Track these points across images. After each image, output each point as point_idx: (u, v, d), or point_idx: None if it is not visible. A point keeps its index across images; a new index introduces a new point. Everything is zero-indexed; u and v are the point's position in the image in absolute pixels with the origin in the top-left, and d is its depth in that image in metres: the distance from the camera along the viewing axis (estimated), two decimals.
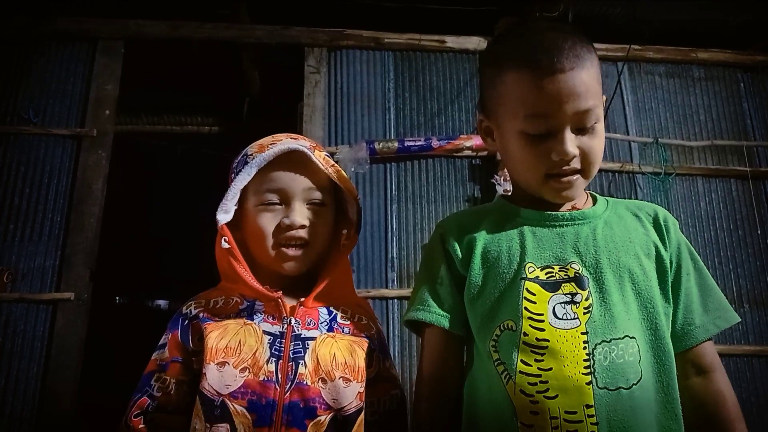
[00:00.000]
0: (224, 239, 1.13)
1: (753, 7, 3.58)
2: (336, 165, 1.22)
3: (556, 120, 1.00)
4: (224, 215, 1.15)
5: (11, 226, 3.05)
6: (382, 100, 3.48)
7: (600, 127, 1.04)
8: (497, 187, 3.18)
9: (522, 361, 0.98)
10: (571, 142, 1.01)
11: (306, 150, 1.16)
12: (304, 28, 3.50)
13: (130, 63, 3.42)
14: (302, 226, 1.15)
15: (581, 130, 1.02)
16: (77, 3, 3.43)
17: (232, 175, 1.19)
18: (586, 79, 1.00)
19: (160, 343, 1.16)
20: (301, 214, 1.15)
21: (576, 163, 1.03)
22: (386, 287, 3.17)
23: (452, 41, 3.56)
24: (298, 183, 1.16)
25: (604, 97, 1.08)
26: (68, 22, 3.38)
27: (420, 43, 3.54)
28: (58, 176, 3.16)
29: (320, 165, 1.17)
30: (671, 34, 3.72)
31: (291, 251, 1.15)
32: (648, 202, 1.21)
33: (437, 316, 1.09)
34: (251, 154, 1.18)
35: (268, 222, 1.15)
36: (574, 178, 1.05)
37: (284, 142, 1.18)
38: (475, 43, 3.56)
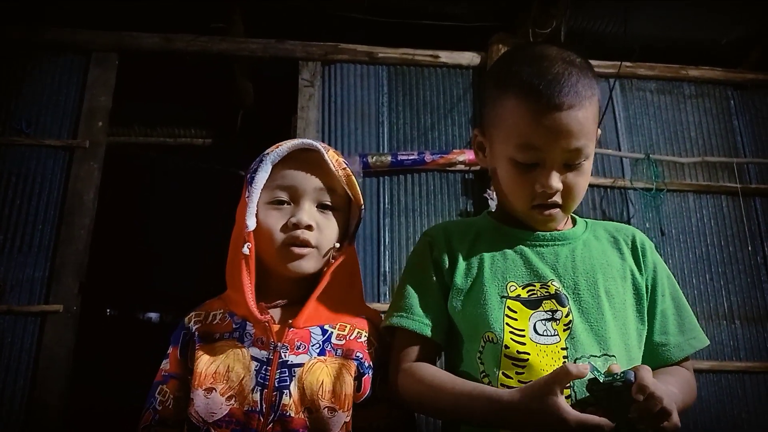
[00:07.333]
0: (247, 245, 1.11)
1: (742, 25, 3.63)
2: (348, 170, 1.19)
3: (546, 154, 1.03)
4: (252, 220, 1.13)
5: (1, 237, 3.03)
6: (376, 114, 3.49)
7: (587, 164, 1.07)
8: (490, 202, 3.18)
9: (503, 373, 1.00)
10: (556, 177, 1.04)
11: (320, 149, 1.14)
12: (299, 42, 3.51)
13: (123, 74, 3.41)
14: (309, 227, 1.12)
15: (568, 166, 1.05)
16: (71, 14, 3.43)
17: (248, 176, 1.17)
18: (581, 118, 1.01)
19: (167, 352, 1.16)
20: (308, 215, 1.13)
21: (557, 198, 1.06)
22: (378, 301, 3.15)
23: (446, 56, 3.58)
24: (309, 182, 1.15)
25: (599, 131, 1.10)
26: (62, 33, 3.38)
27: (414, 57, 3.56)
28: (49, 187, 3.14)
29: (332, 166, 1.15)
30: (662, 52, 3.75)
31: (296, 249, 1.12)
32: (636, 215, 1.23)
33: (420, 324, 1.10)
34: (267, 153, 1.16)
35: (275, 220, 1.13)
36: (555, 211, 1.08)
37: (299, 140, 1.17)
38: (469, 58, 3.58)
